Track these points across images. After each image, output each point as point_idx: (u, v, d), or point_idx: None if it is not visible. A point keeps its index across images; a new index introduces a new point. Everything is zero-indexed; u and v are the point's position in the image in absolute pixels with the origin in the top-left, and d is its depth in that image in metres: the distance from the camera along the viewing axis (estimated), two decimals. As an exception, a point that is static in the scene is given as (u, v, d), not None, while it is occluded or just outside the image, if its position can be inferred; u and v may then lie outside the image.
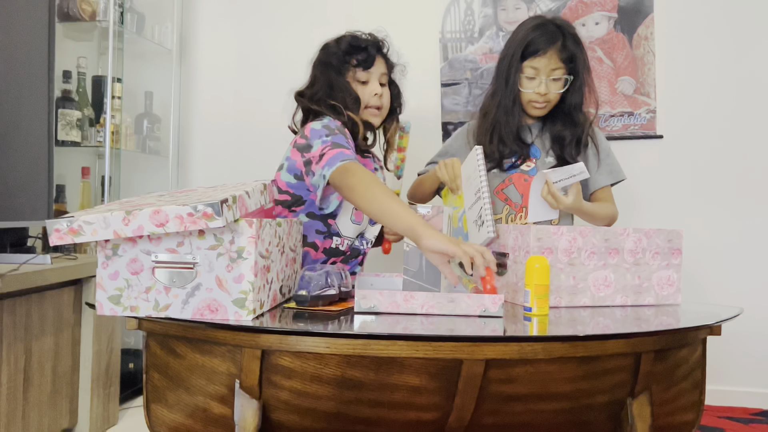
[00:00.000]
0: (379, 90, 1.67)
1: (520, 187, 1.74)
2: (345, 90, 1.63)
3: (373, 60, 1.65)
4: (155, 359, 1.20)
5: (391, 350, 1.03)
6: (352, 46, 1.65)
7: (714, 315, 1.34)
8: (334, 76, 1.64)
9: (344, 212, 1.64)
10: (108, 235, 1.01)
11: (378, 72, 1.67)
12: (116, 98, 2.32)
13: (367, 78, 1.66)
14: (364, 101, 1.65)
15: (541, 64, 1.65)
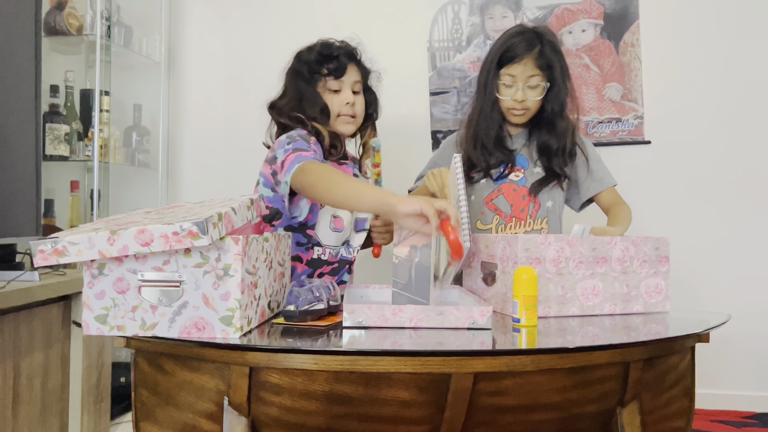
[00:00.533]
0: (351, 99, 1.65)
1: (509, 197, 1.75)
2: (313, 101, 1.62)
3: (344, 68, 1.64)
4: (144, 376, 1.20)
5: (379, 365, 1.03)
6: (323, 54, 1.64)
7: (702, 322, 1.34)
8: (303, 86, 1.63)
9: (322, 220, 1.63)
10: (93, 255, 1.01)
11: (350, 80, 1.66)
12: (104, 111, 2.31)
13: (339, 87, 1.65)
14: (335, 110, 1.64)
15: (518, 71, 1.66)
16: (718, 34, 2.32)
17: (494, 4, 2.42)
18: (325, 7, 2.56)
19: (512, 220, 1.73)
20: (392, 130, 2.53)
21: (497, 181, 1.74)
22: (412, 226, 1.23)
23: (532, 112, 1.71)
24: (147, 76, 2.61)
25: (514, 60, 1.65)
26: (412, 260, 1.27)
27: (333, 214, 1.64)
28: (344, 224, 1.65)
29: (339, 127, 1.67)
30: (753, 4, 2.29)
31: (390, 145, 2.50)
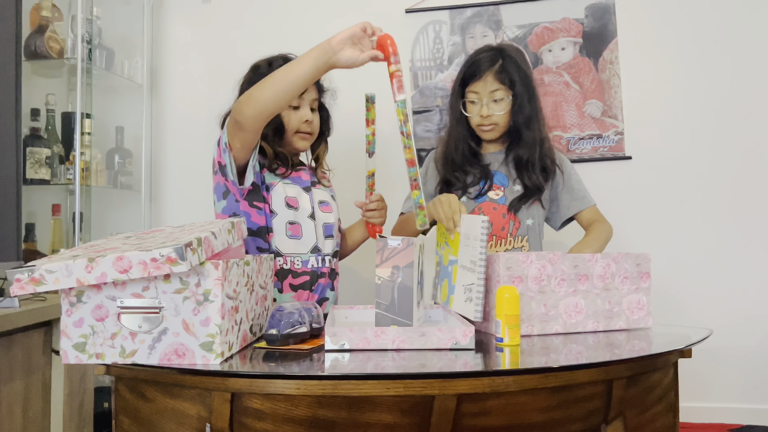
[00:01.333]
0: (310, 116, 1.67)
1: (489, 215, 1.74)
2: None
3: None
4: (124, 403, 1.18)
5: (361, 389, 1.03)
6: None
7: (684, 338, 1.35)
8: None
9: (276, 228, 1.61)
10: (71, 283, 1.00)
11: (309, 98, 1.68)
12: (86, 134, 2.30)
13: (298, 103, 1.66)
14: (294, 126, 1.65)
15: (480, 88, 1.70)
16: (695, 51, 2.36)
17: (474, 23, 2.45)
18: (306, 29, 2.57)
19: (492, 238, 1.74)
20: (376, 148, 2.53)
21: (477, 199, 1.76)
22: (351, 56, 1.34)
23: (501, 127, 1.74)
24: (129, 98, 2.61)
25: (476, 77, 1.70)
26: (395, 281, 1.27)
27: (289, 220, 1.62)
28: (302, 231, 1.63)
29: (296, 143, 1.68)
30: (728, 22, 2.33)
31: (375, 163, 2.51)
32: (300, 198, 1.66)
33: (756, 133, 2.32)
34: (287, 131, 1.66)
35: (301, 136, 1.68)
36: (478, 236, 1.34)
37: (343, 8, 2.55)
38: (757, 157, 2.32)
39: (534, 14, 2.42)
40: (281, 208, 1.62)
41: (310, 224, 1.65)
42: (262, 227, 1.62)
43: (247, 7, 2.61)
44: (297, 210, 1.64)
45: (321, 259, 1.67)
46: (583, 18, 2.39)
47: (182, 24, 2.66)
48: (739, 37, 2.33)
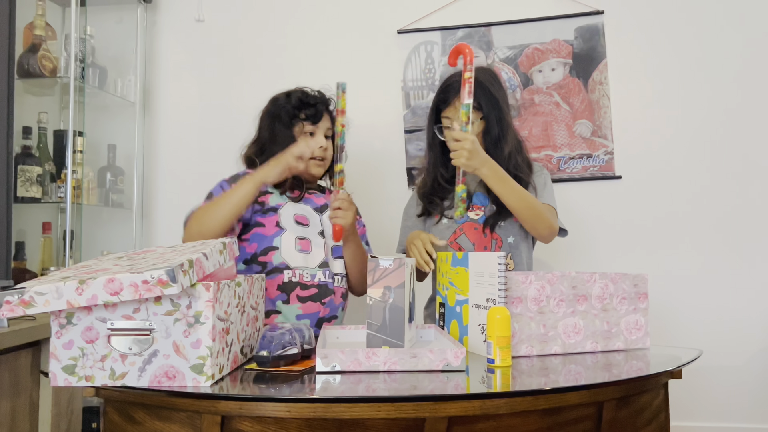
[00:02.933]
0: (324, 143, 1.76)
1: (471, 236, 1.78)
2: (286, 143, 1.69)
3: (321, 115, 1.76)
4: (113, 427, 1.17)
5: (352, 412, 1.02)
6: (302, 101, 1.75)
7: (674, 359, 1.36)
8: (280, 128, 1.74)
9: (285, 244, 1.67)
10: (61, 305, 0.99)
11: (324, 126, 1.77)
12: (78, 152, 2.30)
13: (313, 130, 1.76)
14: (310, 153, 1.70)
15: (451, 113, 1.75)
16: (683, 72, 2.39)
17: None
18: (300, 50, 2.59)
19: None
20: (368, 166, 2.55)
21: (459, 221, 1.78)
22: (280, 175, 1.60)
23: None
24: (122, 117, 2.61)
25: (447, 102, 1.75)
26: (386, 301, 1.27)
27: (298, 236, 1.69)
28: (312, 246, 1.70)
29: (311, 169, 1.75)
30: (715, 44, 2.37)
31: (366, 181, 2.53)
32: (310, 216, 1.74)
33: (745, 152, 2.35)
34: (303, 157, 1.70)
35: (316, 163, 1.76)
36: (495, 273, 1.34)
37: (337, 29, 2.58)
38: (746, 176, 2.35)
39: (524, 35, 2.45)
40: (290, 224, 1.69)
41: (320, 240, 1.72)
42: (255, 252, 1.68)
43: (241, 26, 2.63)
44: (307, 227, 1.72)
45: (331, 276, 1.71)
46: (573, 39, 2.42)
47: (175, 43, 2.67)
48: (726, 58, 2.37)
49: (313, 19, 2.59)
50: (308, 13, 2.59)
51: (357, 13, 2.57)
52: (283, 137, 1.72)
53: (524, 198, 1.68)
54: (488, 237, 1.76)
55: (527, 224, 1.72)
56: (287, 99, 1.76)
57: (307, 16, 2.59)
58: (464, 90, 1.61)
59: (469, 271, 1.45)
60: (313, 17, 2.59)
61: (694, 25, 2.39)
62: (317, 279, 1.68)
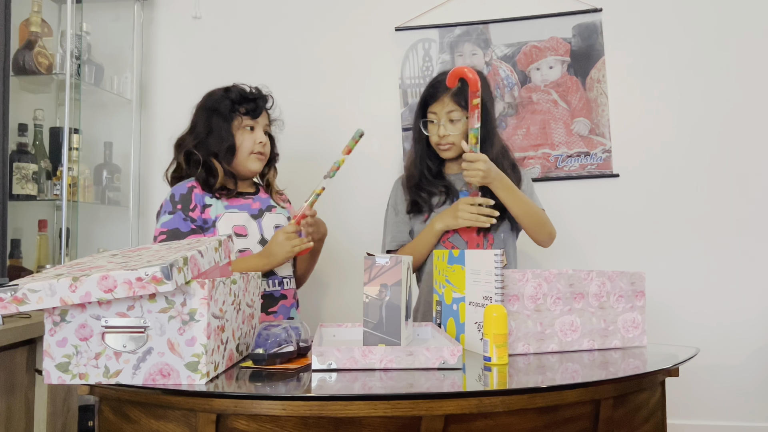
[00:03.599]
0: (264, 138, 1.77)
1: (463, 234, 1.79)
2: (222, 137, 1.72)
3: (260, 110, 1.77)
4: (108, 425, 1.16)
5: (348, 410, 1.02)
6: (242, 96, 1.76)
7: (671, 357, 1.35)
8: (217, 122, 1.74)
9: None
10: (54, 302, 0.99)
11: (263, 122, 1.79)
12: (74, 149, 2.29)
13: (253, 125, 1.77)
14: (248, 147, 1.74)
15: (438, 108, 1.78)
16: (681, 69, 2.38)
17: (464, 41, 2.47)
18: (296, 47, 2.58)
19: None
20: (366, 164, 2.54)
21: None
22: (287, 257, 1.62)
23: (458, 147, 1.78)
24: (118, 114, 2.60)
25: (435, 98, 1.78)
26: (383, 299, 1.27)
27: (239, 248, 1.71)
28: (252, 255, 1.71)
29: (250, 164, 1.76)
30: (714, 41, 2.37)
31: (364, 178, 2.52)
32: (248, 225, 1.74)
33: (743, 149, 2.35)
34: (241, 151, 1.74)
35: (256, 157, 1.77)
36: (491, 271, 1.34)
37: (333, 26, 2.57)
38: (744, 173, 2.34)
39: (522, 33, 2.44)
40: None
41: (260, 249, 1.72)
42: None
43: (237, 23, 2.62)
44: (246, 237, 1.72)
45: (278, 282, 1.74)
46: (571, 37, 2.42)
47: (172, 40, 2.66)
48: (724, 55, 2.37)
49: (311, 17, 2.58)
50: (305, 10, 2.58)
51: (354, 11, 2.56)
52: (219, 130, 1.73)
53: (529, 207, 1.75)
54: (481, 235, 1.78)
55: (530, 231, 1.78)
56: (226, 93, 1.76)
57: (305, 14, 2.58)
58: (473, 116, 1.66)
59: (466, 268, 1.45)
60: (311, 14, 2.58)
61: (692, 24, 2.39)
62: (262, 289, 1.70)
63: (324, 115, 2.56)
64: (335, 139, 2.52)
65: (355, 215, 2.51)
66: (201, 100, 1.82)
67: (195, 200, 1.70)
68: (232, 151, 1.73)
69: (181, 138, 1.80)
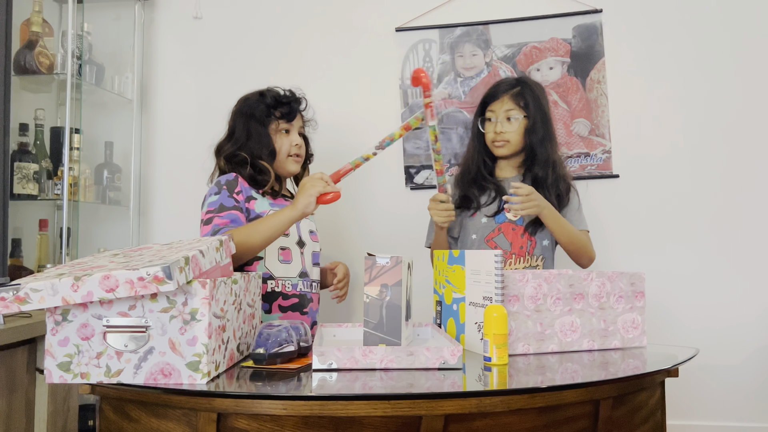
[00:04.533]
0: (300, 141, 1.80)
1: (508, 236, 1.84)
2: (262, 141, 1.74)
3: (295, 113, 1.80)
4: (109, 424, 1.17)
5: (349, 410, 1.02)
6: (277, 100, 1.78)
7: (671, 357, 1.36)
8: (255, 126, 1.76)
9: (269, 254, 1.70)
10: (56, 302, 0.99)
11: (298, 124, 1.82)
12: (75, 149, 2.29)
13: (288, 128, 1.79)
14: (285, 150, 1.77)
15: (497, 107, 1.84)
16: (681, 70, 2.39)
17: (464, 42, 2.47)
18: (296, 47, 2.59)
19: (512, 257, 1.82)
20: (366, 165, 2.54)
21: (496, 218, 1.85)
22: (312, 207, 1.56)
23: (512, 145, 1.84)
24: (119, 114, 2.60)
25: (495, 98, 1.85)
26: (383, 299, 1.27)
27: (280, 246, 1.72)
28: (292, 256, 1.74)
29: (288, 166, 1.80)
30: (713, 42, 2.37)
31: (363, 179, 2.52)
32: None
33: (743, 150, 2.35)
34: (280, 154, 1.77)
35: (294, 159, 1.80)
36: (492, 271, 1.34)
37: (333, 27, 2.57)
38: (743, 175, 2.35)
39: (522, 34, 2.45)
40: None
41: (298, 250, 1.76)
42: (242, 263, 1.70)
43: (238, 23, 2.62)
44: (287, 236, 1.74)
45: (309, 284, 1.77)
46: (571, 38, 2.42)
47: (172, 40, 2.66)
48: (724, 56, 2.37)
49: (311, 17, 2.58)
50: (306, 10, 2.59)
51: (355, 11, 2.56)
52: (258, 135, 1.75)
53: (573, 234, 1.81)
54: (525, 238, 1.83)
55: (572, 255, 1.85)
56: (261, 98, 1.78)
57: (305, 14, 2.59)
58: (427, 113, 1.69)
59: (466, 269, 1.45)
60: (311, 15, 2.58)
61: (691, 24, 2.39)
62: (298, 289, 1.73)
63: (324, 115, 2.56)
64: (335, 139, 2.52)
65: (355, 215, 2.52)
66: (236, 105, 1.84)
67: (241, 187, 1.71)
68: (273, 155, 1.76)
69: (219, 144, 1.81)
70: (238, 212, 1.65)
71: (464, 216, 1.89)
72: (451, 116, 2.47)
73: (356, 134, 2.54)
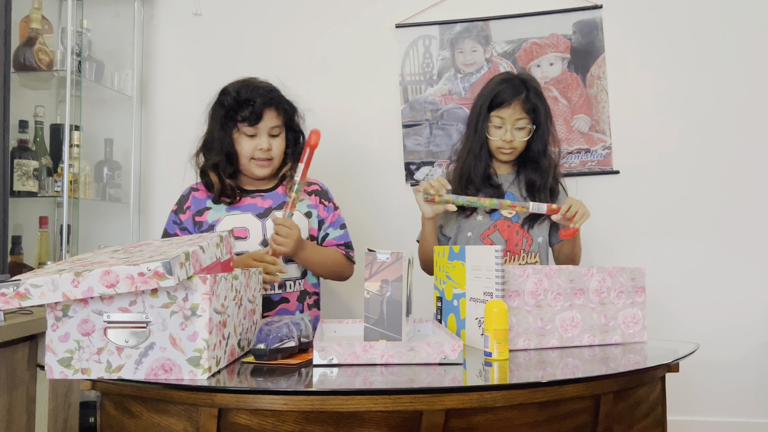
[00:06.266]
0: (266, 144, 1.66)
1: (504, 233, 1.83)
2: (219, 147, 1.67)
3: (260, 115, 1.64)
4: (110, 420, 1.17)
5: (350, 404, 1.02)
6: (238, 101, 1.64)
7: (672, 352, 1.36)
8: (217, 130, 1.68)
9: None
10: (57, 297, 0.99)
11: (267, 126, 1.67)
12: (75, 146, 2.29)
13: (254, 132, 1.67)
14: (248, 153, 1.67)
15: (507, 114, 1.79)
16: (681, 66, 2.38)
17: (464, 38, 2.47)
18: (296, 43, 2.58)
19: (507, 254, 1.82)
20: (366, 161, 2.55)
21: (491, 216, 1.84)
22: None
23: (518, 151, 1.84)
24: (119, 111, 2.60)
25: (504, 104, 1.78)
26: (384, 295, 1.27)
27: (236, 252, 1.67)
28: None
29: (253, 170, 1.70)
30: (714, 38, 2.37)
31: (363, 175, 2.52)
32: (250, 227, 1.70)
33: (743, 146, 2.35)
34: (241, 157, 1.69)
35: (258, 164, 1.69)
36: (492, 266, 1.34)
37: (333, 23, 2.57)
38: (744, 171, 2.35)
39: (522, 30, 2.44)
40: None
41: (260, 250, 1.66)
42: None
43: (238, 20, 2.62)
44: (246, 240, 1.68)
45: (278, 286, 1.69)
46: (571, 34, 2.42)
47: (172, 37, 2.66)
48: (725, 52, 2.37)
49: (311, 13, 2.58)
50: (306, 7, 2.58)
51: (355, 7, 2.56)
52: (218, 140, 1.67)
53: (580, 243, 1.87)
54: (520, 235, 1.83)
55: (570, 258, 1.87)
56: (220, 98, 1.68)
57: (305, 10, 2.58)
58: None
59: (466, 264, 1.45)
60: (311, 11, 2.58)
61: (692, 20, 2.39)
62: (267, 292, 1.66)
63: (324, 112, 2.56)
64: (334, 135, 2.52)
65: (356, 211, 2.52)
66: (215, 97, 1.75)
67: (191, 202, 1.70)
68: (232, 160, 1.68)
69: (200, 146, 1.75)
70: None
71: (461, 215, 1.87)
72: (451, 112, 2.47)
73: (356, 130, 2.54)
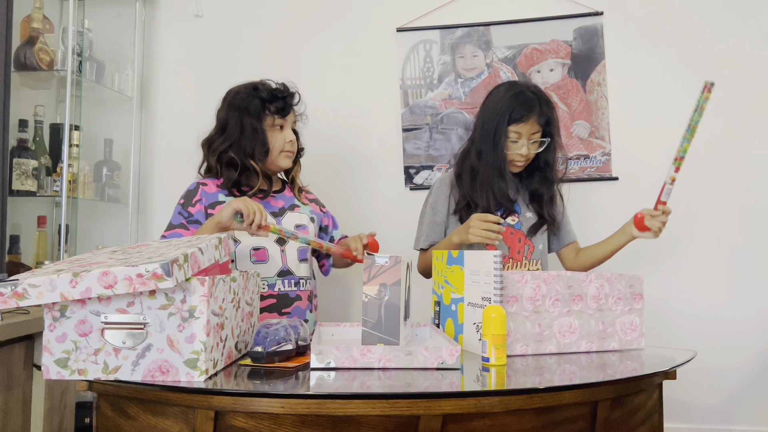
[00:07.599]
0: (292, 136, 1.78)
1: (507, 240, 1.84)
2: (257, 138, 1.71)
3: (290, 108, 1.77)
4: (106, 421, 1.17)
5: (347, 408, 1.02)
6: (272, 94, 1.74)
7: (669, 359, 1.36)
8: (249, 122, 1.71)
9: (239, 256, 1.68)
10: (54, 297, 0.99)
11: (291, 120, 1.79)
12: (74, 146, 2.28)
13: (282, 124, 1.76)
14: (279, 146, 1.75)
15: (524, 130, 1.79)
16: (681, 73, 2.39)
17: (465, 43, 2.47)
18: (296, 45, 2.59)
19: (509, 261, 1.82)
20: (365, 165, 2.55)
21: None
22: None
23: (528, 161, 1.86)
24: (119, 111, 2.60)
25: (521, 119, 1.78)
26: (382, 299, 1.27)
27: (253, 246, 1.69)
28: (269, 255, 1.70)
29: (281, 161, 1.77)
30: (716, 45, 2.37)
31: (363, 179, 2.52)
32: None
33: (742, 153, 2.35)
34: (273, 151, 1.74)
35: (286, 155, 1.78)
36: (491, 272, 1.34)
37: (334, 26, 2.57)
38: (742, 177, 2.35)
39: (523, 35, 2.45)
40: (244, 235, 1.68)
41: (277, 249, 1.72)
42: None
43: (238, 21, 2.62)
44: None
45: (294, 283, 1.72)
46: (572, 40, 2.42)
47: (173, 38, 2.66)
48: (726, 59, 2.37)
49: (312, 16, 2.58)
50: (307, 9, 2.58)
51: (356, 11, 2.56)
52: (253, 131, 1.71)
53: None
54: (523, 242, 1.84)
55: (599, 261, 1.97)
56: (255, 92, 1.73)
57: (306, 13, 2.58)
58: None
59: (465, 269, 1.45)
60: (312, 14, 2.58)
61: (692, 27, 2.39)
62: (276, 288, 1.69)
63: (324, 115, 2.56)
64: (335, 138, 2.52)
65: (355, 215, 2.51)
66: (227, 97, 1.79)
67: (201, 195, 1.70)
68: (267, 153, 1.73)
69: (209, 138, 1.78)
70: (182, 230, 1.66)
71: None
72: (451, 117, 2.47)
73: (356, 134, 2.54)
